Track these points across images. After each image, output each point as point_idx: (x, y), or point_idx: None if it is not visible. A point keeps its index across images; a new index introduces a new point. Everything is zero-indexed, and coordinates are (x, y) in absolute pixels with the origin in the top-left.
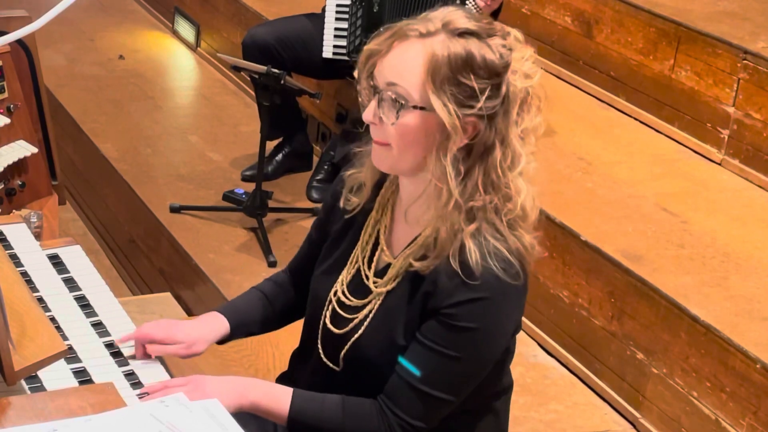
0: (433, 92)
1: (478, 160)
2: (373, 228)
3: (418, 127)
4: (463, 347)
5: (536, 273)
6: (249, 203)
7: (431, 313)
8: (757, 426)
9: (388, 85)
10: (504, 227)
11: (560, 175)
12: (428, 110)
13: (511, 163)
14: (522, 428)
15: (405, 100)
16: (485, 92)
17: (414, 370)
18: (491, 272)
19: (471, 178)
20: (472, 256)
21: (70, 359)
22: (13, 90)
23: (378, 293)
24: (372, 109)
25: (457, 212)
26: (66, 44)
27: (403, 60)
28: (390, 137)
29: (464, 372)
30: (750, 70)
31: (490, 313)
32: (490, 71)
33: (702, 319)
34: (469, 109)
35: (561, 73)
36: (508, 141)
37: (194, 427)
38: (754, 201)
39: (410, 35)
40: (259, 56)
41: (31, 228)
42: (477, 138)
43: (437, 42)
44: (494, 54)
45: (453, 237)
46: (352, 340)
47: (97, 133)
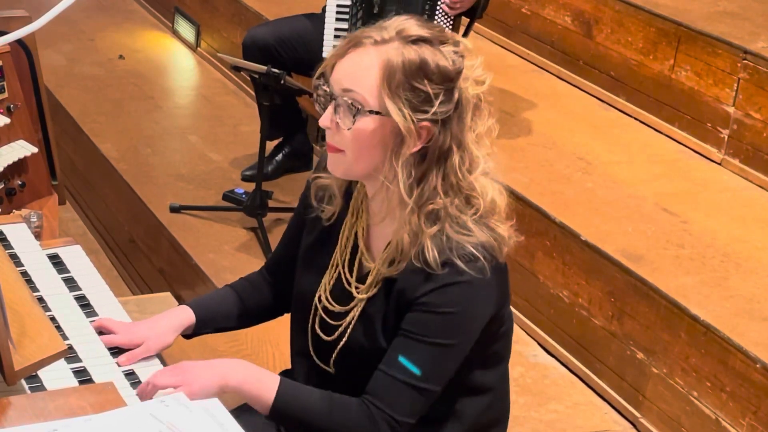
0: (388, 97)
1: (434, 164)
2: (350, 231)
3: (373, 132)
4: (438, 333)
5: (536, 273)
6: (249, 203)
7: (406, 307)
8: (757, 426)
9: (344, 91)
10: (471, 223)
11: (560, 175)
12: (384, 115)
13: (469, 166)
14: (522, 428)
15: (361, 105)
16: (439, 97)
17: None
18: (452, 265)
19: (428, 182)
20: (430, 254)
21: (70, 359)
22: (13, 90)
23: (359, 300)
24: (329, 115)
25: (416, 215)
26: (66, 44)
27: (358, 67)
28: (345, 143)
29: (444, 357)
30: (750, 70)
31: (458, 300)
32: (444, 77)
33: (702, 319)
34: (423, 114)
35: (561, 73)
36: (465, 145)
37: (194, 427)
38: (754, 201)
39: (365, 42)
40: (259, 56)
41: (31, 228)
42: (431, 142)
43: (391, 49)
44: (447, 60)
45: (414, 240)
46: (339, 347)
47: (97, 133)
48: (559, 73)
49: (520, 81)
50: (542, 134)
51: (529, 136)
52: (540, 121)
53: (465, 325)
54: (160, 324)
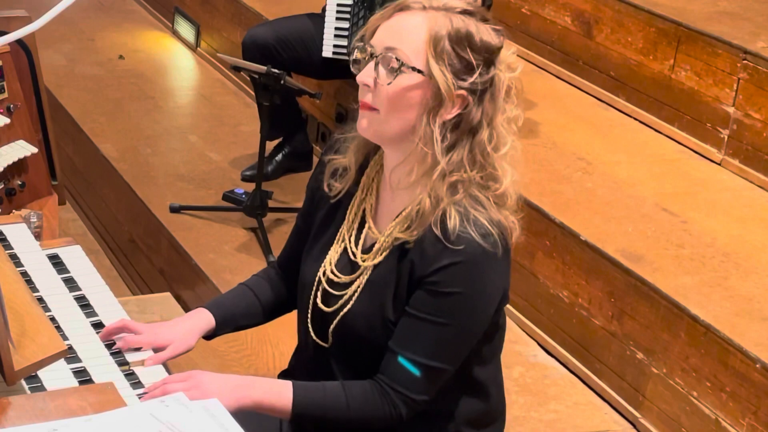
0: (433, 58)
1: (465, 135)
2: (358, 207)
3: (412, 90)
4: (453, 313)
5: (536, 273)
6: (249, 203)
7: (417, 283)
8: (757, 426)
9: (387, 49)
10: (487, 201)
11: (560, 175)
12: (425, 75)
13: (496, 145)
14: (522, 428)
15: (403, 63)
16: (479, 68)
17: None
18: (469, 236)
19: (456, 152)
20: (451, 221)
21: (70, 359)
22: (13, 90)
23: (366, 267)
24: (368, 72)
25: (441, 182)
26: (66, 44)
27: (404, 27)
28: (380, 101)
29: (458, 338)
30: (750, 70)
31: (472, 276)
32: (486, 49)
33: (702, 319)
34: (462, 81)
35: (561, 73)
36: (494, 124)
37: (194, 427)
38: (754, 201)
39: (413, 7)
40: (259, 56)
41: (31, 228)
42: (465, 112)
43: (439, 15)
44: (489, 35)
45: (435, 206)
46: (340, 314)
47: (97, 133)
48: (559, 73)
49: None
50: (542, 134)
51: (529, 136)
52: (540, 121)
53: (474, 304)
54: (182, 327)
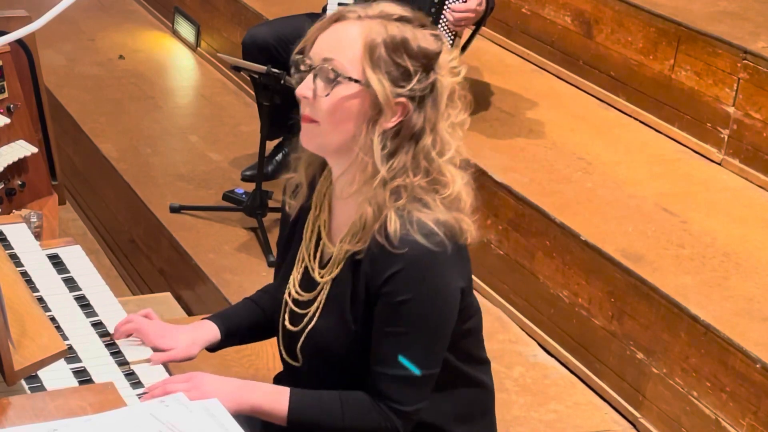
0: (369, 67)
1: (406, 142)
2: (313, 224)
3: (351, 101)
4: (414, 319)
5: (536, 273)
6: (249, 203)
7: (375, 296)
8: (757, 426)
9: (324, 60)
10: (434, 203)
11: (560, 175)
12: (363, 84)
13: (440, 150)
14: (522, 428)
15: (341, 73)
16: (417, 74)
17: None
18: (411, 238)
19: (398, 158)
20: (392, 225)
21: (70, 359)
22: (13, 90)
23: (324, 283)
24: (307, 83)
25: (382, 189)
26: (66, 44)
27: (340, 37)
28: (320, 113)
29: (430, 341)
30: (750, 70)
31: (419, 279)
32: (424, 55)
33: (702, 319)
34: (401, 89)
35: (561, 73)
36: (438, 129)
37: (194, 427)
38: (754, 201)
39: (349, 16)
40: (259, 56)
41: (31, 228)
42: (406, 119)
43: (375, 23)
44: (427, 41)
45: (378, 214)
46: (305, 332)
47: (97, 133)
48: (559, 73)
49: (520, 81)
50: (542, 134)
51: (529, 136)
52: (540, 121)
53: (434, 304)
54: (188, 336)
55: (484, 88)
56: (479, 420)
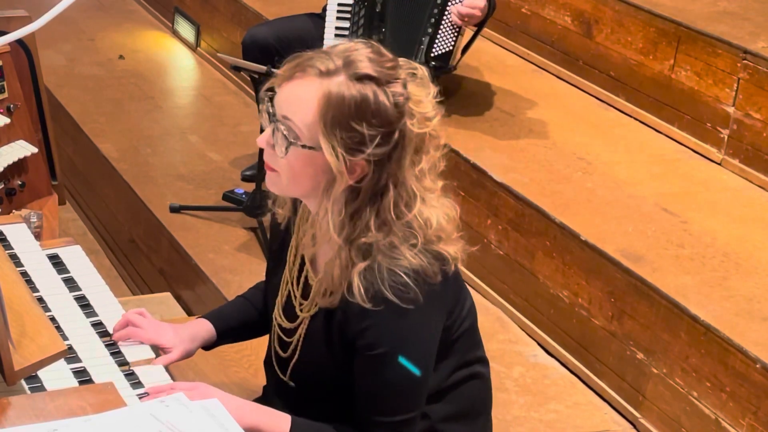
0: (323, 134)
1: (368, 201)
2: (296, 249)
3: (305, 165)
4: (389, 371)
5: (536, 273)
6: (249, 203)
7: (351, 344)
8: (757, 426)
9: (284, 117)
10: (406, 251)
11: (560, 175)
12: (317, 150)
13: (408, 203)
14: (522, 428)
15: (296, 137)
16: (375, 139)
17: (373, 407)
18: (380, 297)
19: (361, 218)
20: (356, 291)
21: (70, 359)
22: (13, 90)
23: (303, 318)
24: (266, 136)
25: (346, 250)
26: (66, 44)
27: (298, 96)
28: (280, 166)
29: (409, 388)
30: (750, 70)
31: (392, 333)
32: (383, 120)
33: (702, 319)
34: (358, 154)
35: (561, 73)
36: (402, 182)
37: (194, 427)
38: (754, 201)
39: (309, 72)
40: (259, 56)
41: (31, 228)
42: (364, 181)
43: (334, 83)
44: (389, 102)
45: (346, 274)
46: (292, 363)
47: (97, 133)
48: (559, 73)
49: (520, 81)
50: (542, 134)
51: (529, 136)
52: (540, 121)
53: (409, 355)
54: (185, 333)
55: (484, 88)
56: (475, 419)
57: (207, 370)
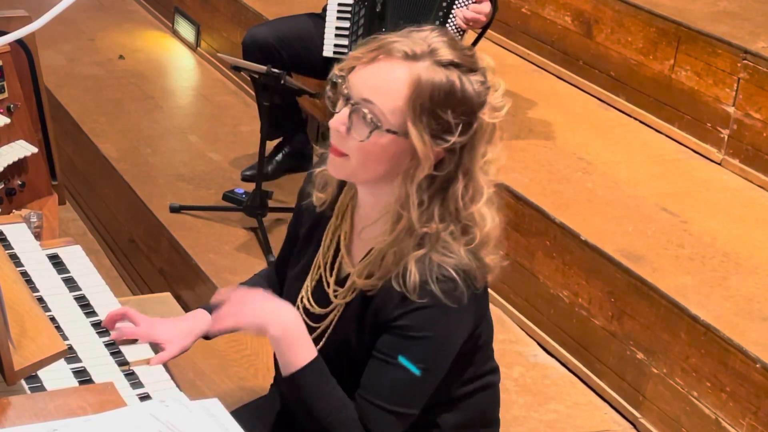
0: (411, 120)
1: (439, 190)
2: (333, 234)
3: (386, 150)
4: (421, 357)
5: (536, 273)
6: (249, 203)
7: (383, 328)
8: (757, 426)
9: (365, 100)
10: (459, 247)
11: (560, 175)
12: (401, 136)
13: (473, 195)
14: (522, 428)
15: (380, 122)
16: (458, 128)
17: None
18: (429, 290)
19: (428, 207)
20: (411, 278)
21: (70, 359)
22: (13, 90)
23: (337, 305)
24: (341, 118)
25: (409, 237)
26: (66, 44)
27: (385, 79)
28: (352, 150)
29: (424, 383)
30: (750, 70)
31: (440, 321)
32: (467, 108)
33: (702, 319)
34: (442, 142)
35: (561, 73)
36: (472, 173)
37: (194, 427)
38: (754, 201)
39: (395, 54)
40: (259, 56)
41: (31, 228)
42: (440, 168)
43: (422, 68)
44: (473, 91)
45: (399, 260)
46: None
47: (97, 133)
48: (559, 73)
49: (520, 81)
50: (542, 134)
51: (529, 136)
52: (540, 121)
53: (439, 349)
54: (181, 327)
55: None
56: (485, 427)
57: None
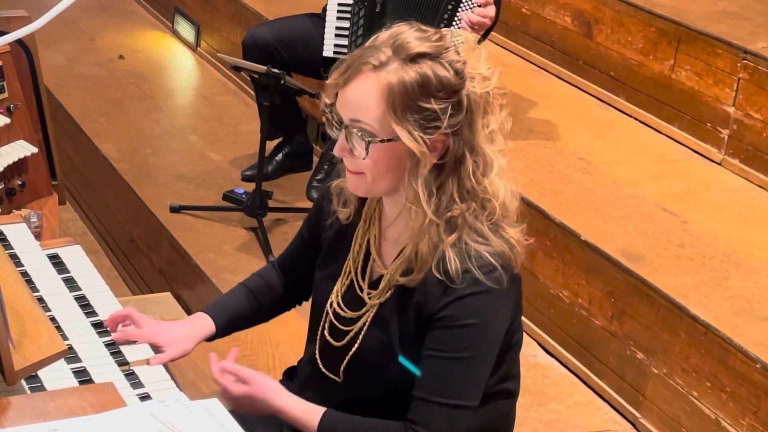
0: (396, 123)
1: (450, 173)
2: (362, 239)
3: (388, 158)
4: (472, 344)
5: (536, 273)
6: (249, 203)
7: (426, 321)
8: (757, 426)
9: (352, 121)
10: (487, 231)
11: (560, 175)
12: (395, 140)
13: (483, 169)
14: (522, 428)
15: (372, 135)
16: (447, 111)
17: (435, 386)
18: (471, 276)
19: (446, 192)
20: (452, 264)
21: (70, 359)
22: (13, 90)
23: (371, 305)
24: (341, 144)
25: (435, 226)
26: (66, 44)
27: (360, 96)
28: (363, 167)
29: (479, 371)
30: (750, 70)
31: (483, 307)
32: (448, 90)
33: (702, 319)
34: (434, 131)
35: (561, 73)
36: (478, 148)
37: (194, 427)
38: (754, 201)
39: (363, 69)
40: (259, 56)
41: (31, 228)
42: (447, 155)
43: (390, 72)
44: (449, 71)
45: (434, 250)
46: (350, 352)
47: (97, 133)
48: (559, 73)
49: (520, 81)
50: (542, 134)
51: (529, 136)
52: (540, 121)
53: (487, 334)
54: (183, 331)
55: None
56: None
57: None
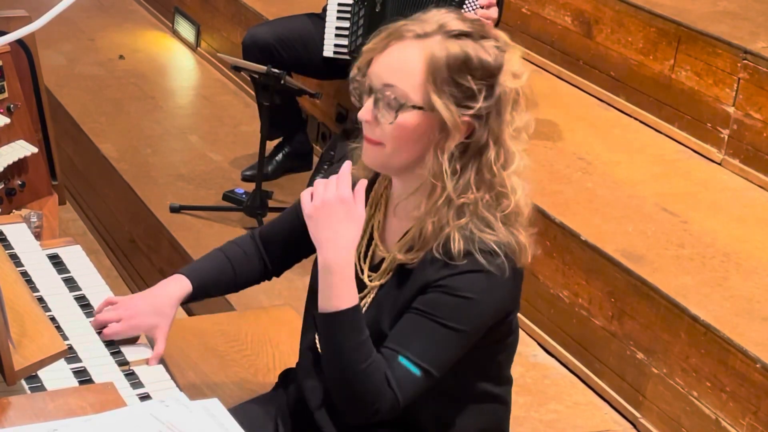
0: (434, 92)
1: (471, 158)
2: (366, 224)
3: (416, 127)
4: (463, 317)
5: (536, 273)
6: (249, 203)
7: (423, 291)
8: (757, 426)
9: (385, 86)
10: (497, 223)
11: (560, 175)
12: (427, 110)
13: (504, 162)
14: (522, 428)
15: (404, 101)
16: (482, 92)
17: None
18: (473, 258)
19: (464, 176)
20: (455, 245)
21: (70, 359)
22: (13, 90)
23: (372, 287)
24: (368, 109)
25: (447, 208)
26: (66, 44)
27: (400, 61)
28: (385, 136)
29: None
30: (750, 70)
31: (473, 290)
32: (486, 72)
33: (702, 319)
34: (466, 110)
35: (561, 73)
36: (502, 140)
37: (194, 427)
38: (754, 201)
39: (407, 36)
40: (259, 56)
41: (31, 228)
42: (472, 137)
43: (435, 43)
44: (489, 55)
45: (439, 231)
46: None
47: (97, 133)
48: (559, 73)
49: None
50: (542, 134)
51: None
52: (540, 121)
53: (478, 314)
54: (159, 301)
55: None
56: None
57: (207, 370)
